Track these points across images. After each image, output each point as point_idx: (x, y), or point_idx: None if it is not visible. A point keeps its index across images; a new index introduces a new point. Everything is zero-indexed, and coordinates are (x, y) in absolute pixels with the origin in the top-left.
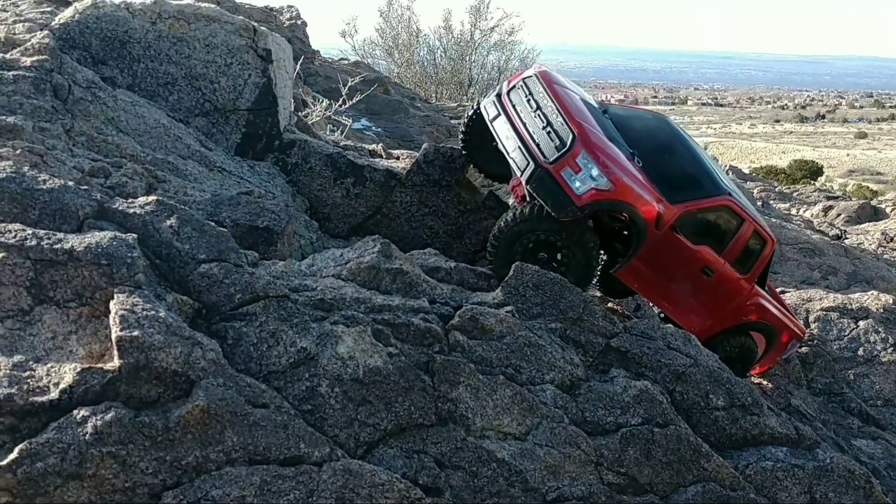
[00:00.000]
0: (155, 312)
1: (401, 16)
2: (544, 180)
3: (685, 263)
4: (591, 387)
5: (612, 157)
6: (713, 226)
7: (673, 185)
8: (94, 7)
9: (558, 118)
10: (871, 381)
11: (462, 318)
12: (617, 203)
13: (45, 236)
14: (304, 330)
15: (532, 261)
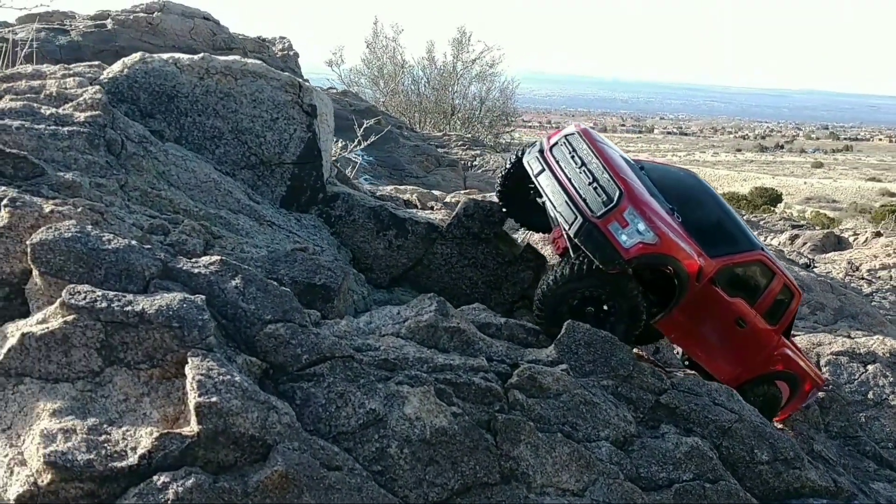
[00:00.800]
0: (231, 377)
1: (385, 46)
2: (592, 234)
3: (721, 315)
4: (644, 443)
5: (656, 212)
6: (747, 279)
7: (711, 240)
8: (142, 62)
9: (604, 174)
10: (882, 423)
11: (521, 376)
12: (662, 257)
13: (115, 298)
14: (372, 391)
15: (580, 317)
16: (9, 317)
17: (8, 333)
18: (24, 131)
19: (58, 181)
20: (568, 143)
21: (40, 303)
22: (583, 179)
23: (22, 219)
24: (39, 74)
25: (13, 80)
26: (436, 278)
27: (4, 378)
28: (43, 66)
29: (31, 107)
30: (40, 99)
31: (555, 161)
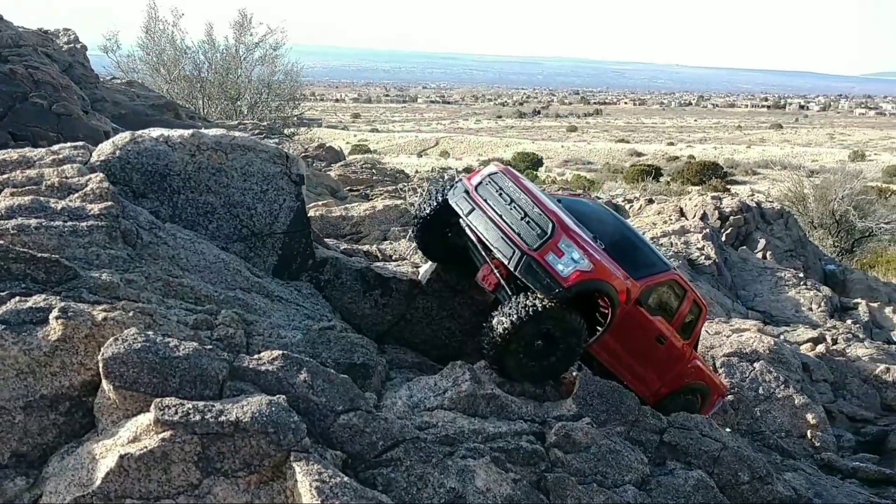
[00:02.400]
0: (341, 479)
1: (163, 31)
2: (531, 266)
3: (645, 334)
4: (660, 481)
5: (586, 241)
6: (665, 298)
7: (632, 263)
8: (133, 142)
9: (534, 209)
10: (774, 415)
11: (557, 435)
12: (597, 282)
13: (206, 409)
14: (445, 469)
15: (530, 351)
16: (71, 433)
17: (97, 455)
18: (43, 230)
19: (94, 283)
20: (493, 181)
21: (115, 417)
22: (514, 215)
23: (76, 329)
24: (27, 161)
25: (1, 168)
26: (417, 331)
27: (104, 502)
28: (26, 150)
29: (39, 202)
30: (43, 191)
31: (483, 200)
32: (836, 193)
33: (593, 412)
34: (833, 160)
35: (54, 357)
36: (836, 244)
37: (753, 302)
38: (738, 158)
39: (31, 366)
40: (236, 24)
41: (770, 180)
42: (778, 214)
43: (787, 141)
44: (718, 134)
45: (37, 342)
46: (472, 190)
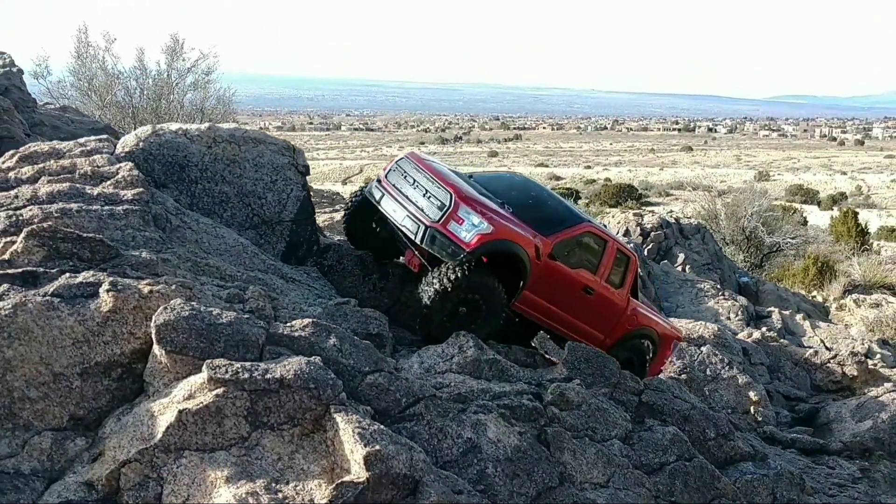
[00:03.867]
0: (377, 426)
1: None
2: (435, 237)
3: (569, 286)
4: (641, 436)
5: (486, 206)
6: (583, 250)
7: (543, 222)
8: (154, 134)
9: (433, 184)
10: (721, 394)
11: (553, 394)
12: (501, 242)
13: (253, 368)
14: (461, 422)
15: (455, 318)
16: (122, 397)
17: (155, 412)
18: (84, 213)
19: (135, 261)
20: (399, 167)
21: (166, 380)
22: (417, 194)
23: (125, 301)
24: (58, 152)
25: (33, 158)
26: (411, 313)
27: (165, 454)
28: (55, 143)
29: (76, 188)
30: (77, 179)
31: (391, 185)
32: (745, 211)
33: (581, 375)
34: (740, 180)
35: (106, 327)
36: (746, 259)
37: (676, 312)
38: (651, 180)
39: (85, 335)
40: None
41: (682, 201)
42: (695, 230)
43: (697, 163)
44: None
45: (90, 313)
46: (383, 178)
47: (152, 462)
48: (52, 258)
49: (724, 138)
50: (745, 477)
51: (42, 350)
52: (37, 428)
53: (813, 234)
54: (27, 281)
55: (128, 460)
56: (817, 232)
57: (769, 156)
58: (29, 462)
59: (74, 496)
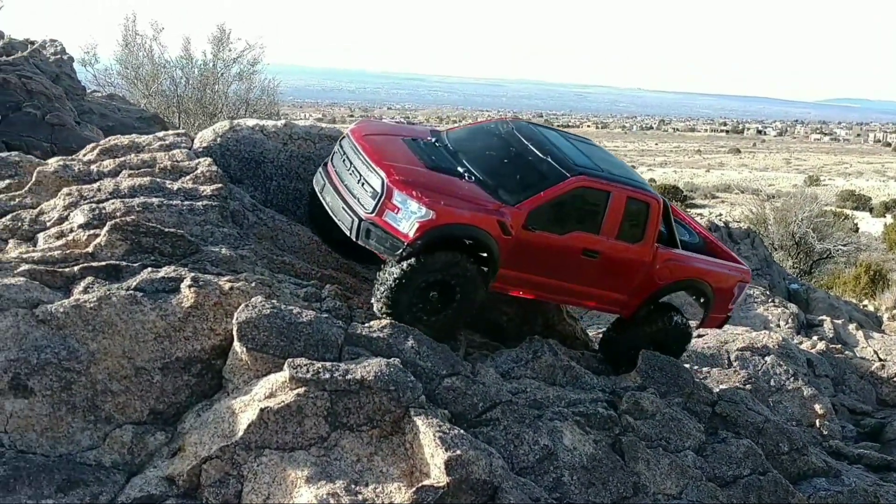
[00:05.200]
0: (458, 431)
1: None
2: (371, 231)
3: (560, 255)
4: (714, 448)
5: (428, 186)
6: (576, 209)
7: (515, 187)
8: (232, 130)
9: (366, 168)
10: (785, 405)
11: (628, 403)
12: (447, 227)
13: (333, 368)
14: (537, 429)
15: (425, 303)
16: (201, 393)
17: (236, 409)
18: (165, 208)
19: (215, 256)
20: (341, 148)
21: (246, 377)
22: (352, 180)
23: (206, 297)
24: (137, 146)
25: (113, 151)
26: (477, 314)
27: (246, 452)
28: (133, 136)
29: (157, 182)
30: (157, 173)
31: (334, 171)
32: (795, 216)
33: (655, 384)
34: (789, 184)
35: (187, 322)
36: (795, 265)
37: None
38: (697, 182)
39: (167, 330)
40: (214, 38)
41: (729, 203)
42: (745, 234)
43: (744, 165)
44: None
45: (171, 308)
46: (329, 163)
47: (233, 459)
48: (135, 252)
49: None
50: (818, 493)
51: (125, 344)
52: (118, 421)
53: (865, 241)
54: (110, 274)
55: (209, 457)
56: (869, 239)
57: (820, 160)
58: (110, 455)
59: (155, 490)
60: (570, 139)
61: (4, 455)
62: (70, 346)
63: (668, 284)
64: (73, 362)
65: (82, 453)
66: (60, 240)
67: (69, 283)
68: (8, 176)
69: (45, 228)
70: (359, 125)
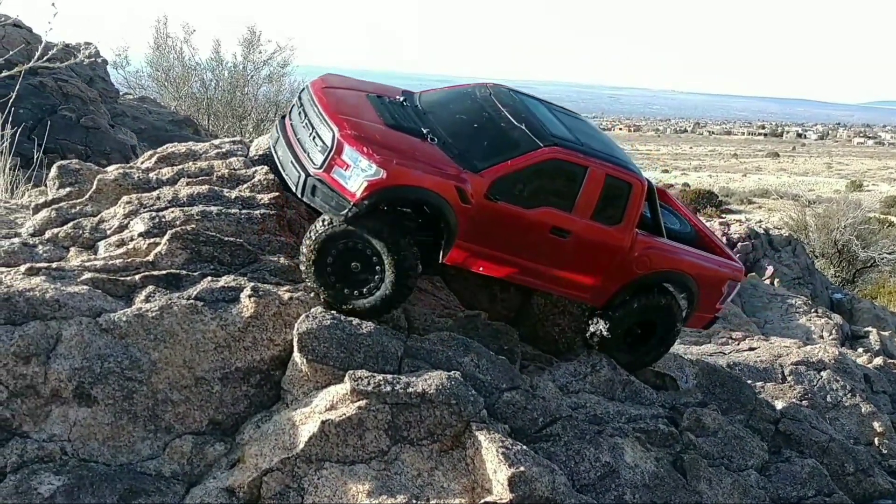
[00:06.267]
0: (521, 446)
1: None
2: (316, 188)
3: (526, 231)
4: (778, 467)
5: (383, 144)
6: (547, 182)
7: (480, 154)
8: None
9: (320, 121)
10: (842, 423)
11: (689, 419)
12: (397, 189)
13: (394, 381)
14: (598, 445)
15: (345, 275)
16: (260, 403)
17: (296, 421)
18: (223, 217)
19: (274, 266)
20: (300, 100)
21: (305, 388)
22: (305, 133)
23: (266, 307)
24: (194, 154)
25: (171, 159)
26: (529, 326)
27: (306, 464)
28: (190, 144)
29: (214, 191)
30: (214, 181)
31: (290, 124)
32: (838, 223)
33: (716, 400)
34: (830, 190)
35: (247, 332)
36: (837, 274)
37: (764, 328)
38: (733, 187)
39: (227, 340)
40: (245, 41)
41: (766, 209)
42: (786, 241)
43: (783, 170)
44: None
45: (231, 318)
46: (287, 116)
47: (293, 472)
48: (194, 261)
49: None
50: None
51: (185, 353)
52: (178, 431)
53: None
54: (170, 283)
55: (270, 469)
56: None
57: (863, 164)
58: (170, 465)
59: (215, 501)
60: (555, 110)
61: (68, 463)
62: (132, 355)
63: (646, 274)
64: (135, 371)
65: (143, 463)
66: (121, 248)
67: (130, 291)
68: (68, 184)
69: (105, 236)
70: (322, 77)
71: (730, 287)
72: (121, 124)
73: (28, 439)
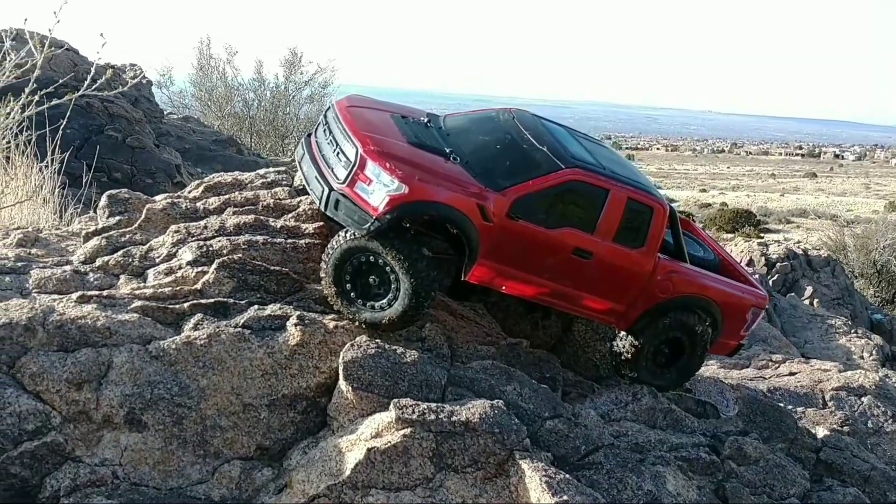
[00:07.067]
0: (563, 475)
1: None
2: (339, 202)
3: (548, 250)
4: (820, 496)
5: (405, 160)
6: (569, 204)
7: (502, 173)
8: None
9: (343, 137)
10: (883, 448)
11: (731, 448)
12: (419, 204)
13: (439, 410)
14: (640, 473)
15: (365, 288)
16: (306, 430)
17: (343, 448)
18: (269, 246)
19: (319, 295)
20: (325, 119)
21: (351, 416)
22: (329, 150)
23: (312, 336)
24: (240, 183)
25: (217, 189)
26: (571, 353)
27: (353, 491)
28: (236, 174)
29: (260, 220)
30: (260, 210)
31: (315, 142)
32: (877, 243)
33: (757, 428)
34: (869, 210)
35: (293, 360)
36: (876, 294)
37: (804, 349)
38: (771, 206)
39: (273, 367)
40: (286, 62)
41: (804, 229)
42: (825, 262)
43: (821, 190)
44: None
45: (278, 346)
46: (313, 134)
47: (340, 498)
48: (241, 289)
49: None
50: None
51: (233, 380)
52: (226, 456)
53: None
54: (218, 311)
55: (317, 495)
56: None
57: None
58: (219, 489)
59: None
60: (577, 136)
61: (119, 487)
62: (181, 381)
63: (670, 298)
64: (184, 398)
65: (192, 487)
66: (169, 276)
67: (179, 319)
68: (118, 212)
69: (154, 265)
70: (348, 97)
71: (753, 314)
72: (165, 144)
73: (81, 463)
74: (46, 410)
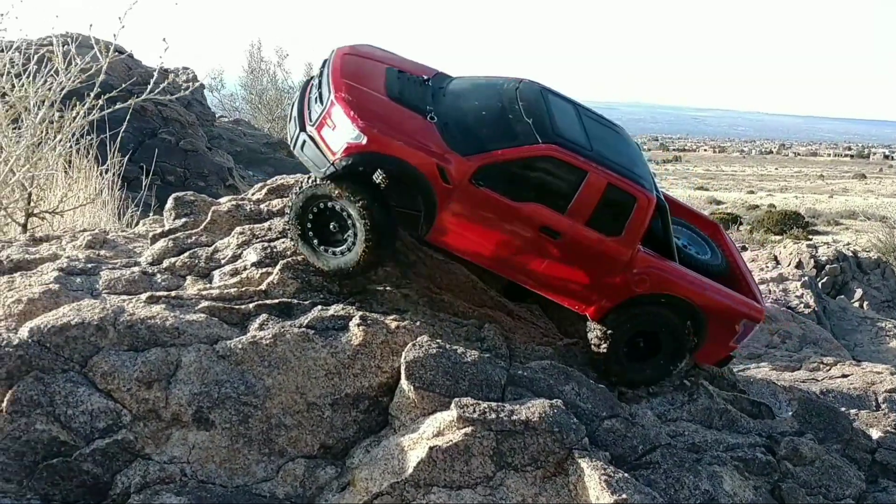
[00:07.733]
0: (623, 474)
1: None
2: (306, 143)
3: (511, 222)
4: (876, 497)
5: (372, 111)
6: (540, 180)
7: (476, 139)
8: None
9: (325, 82)
10: None
11: (787, 448)
12: (375, 156)
13: (499, 409)
14: (697, 473)
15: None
16: (368, 429)
17: (405, 447)
18: None
19: (380, 296)
20: (322, 63)
21: (413, 415)
22: (315, 93)
23: (374, 336)
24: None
25: (280, 191)
26: None
27: (415, 489)
28: (298, 176)
29: None
30: None
31: (311, 85)
32: None
33: (812, 429)
34: None
35: (356, 360)
36: None
37: (854, 352)
38: (819, 208)
39: (337, 367)
40: None
41: (854, 231)
42: (875, 264)
43: (870, 191)
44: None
45: (341, 346)
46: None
47: (403, 496)
48: (305, 290)
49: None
50: None
51: (298, 380)
52: (290, 454)
53: None
54: (282, 312)
55: (380, 493)
56: None
57: None
58: (283, 487)
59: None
60: (586, 116)
61: (187, 485)
62: (247, 381)
63: (646, 294)
64: (250, 397)
65: (257, 485)
66: (235, 277)
67: (245, 319)
68: (184, 214)
69: (219, 266)
70: (353, 45)
71: (745, 326)
72: (217, 147)
73: (150, 461)
74: (117, 409)
